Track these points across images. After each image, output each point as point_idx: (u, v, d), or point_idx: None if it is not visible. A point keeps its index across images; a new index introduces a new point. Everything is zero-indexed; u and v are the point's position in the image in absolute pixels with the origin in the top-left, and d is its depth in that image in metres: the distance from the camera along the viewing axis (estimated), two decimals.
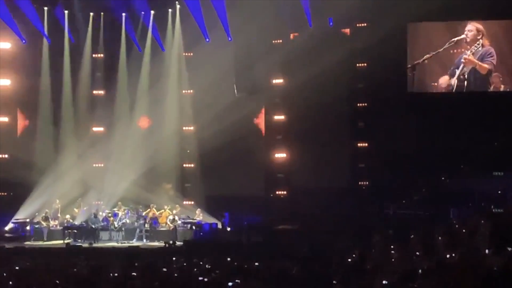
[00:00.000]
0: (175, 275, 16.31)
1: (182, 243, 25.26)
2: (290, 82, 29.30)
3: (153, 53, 30.27)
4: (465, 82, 27.27)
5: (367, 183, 28.22)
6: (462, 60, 27.24)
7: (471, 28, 27.27)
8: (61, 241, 26.68)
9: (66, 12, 29.39)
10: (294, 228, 25.55)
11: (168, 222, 27.71)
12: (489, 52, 27.09)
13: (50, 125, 30.56)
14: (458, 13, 27.05)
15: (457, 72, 27.29)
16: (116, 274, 16.56)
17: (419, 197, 26.35)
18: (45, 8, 29.05)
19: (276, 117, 29.65)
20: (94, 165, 30.29)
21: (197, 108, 30.26)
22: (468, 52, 27.16)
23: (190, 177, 30.33)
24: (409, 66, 27.73)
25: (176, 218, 27.81)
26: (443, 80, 27.60)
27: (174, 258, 20.08)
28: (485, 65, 27.09)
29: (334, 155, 28.51)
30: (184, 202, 29.39)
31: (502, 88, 27.26)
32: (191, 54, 30.15)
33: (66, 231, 27.31)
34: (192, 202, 29.38)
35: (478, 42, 27.03)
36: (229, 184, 29.61)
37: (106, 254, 22.38)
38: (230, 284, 14.26)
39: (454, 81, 27.37)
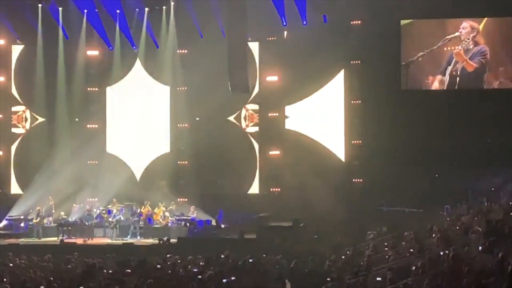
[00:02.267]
0: (169, 271, 16.35)
1: (176, 240, 25.27)
2: (284, 79, 29.33)
3: (147, 50, 30.29)
4: (458, 78, 27.29)
5: (361, 180, 28.25)
6: (453, 54, 27.28)
7: (466, 25, 27.29)
8: (55, 238, 26.68)
9: (60, 9, 29.31)
10: (288, 225, 25.56)
11: (160, 219, 27.75)
12: (482, 51, 27.08)
13: (45, 121, 30.61)
14: (453, 11, 27.07)
15: (449, 68, 27.32)
16: (110, 271, 16.59)
17: (412, 194, 26.38)
18: (39, 5, 28.98)
19: (270, 115, 29.65)
20: (88, 162, 30.29)
21: (191, 105, 30.28)
22: (459, 47, 27.17)
23: (184, 174, 30.34)
24: (403, 63, 27.75)
25: (170, 215, 27.83)
26: (437, 78, 27.64)
27: (168, 255, 20.12)
28: (473, 64, 27.07)
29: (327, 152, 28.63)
30: (179, 199, 29.40)
31: (495, 85, 27.31)
32: (186, 51, 30.15)
33: (60, 228, 27.31)
34: (186, 199, 29.39)
35: (468, 37, 27.03)
36: (223, 181, 29.65)
37: (100, 251, 22.34)
38: (224, 280, 14.31)
39: (446, 77, 27.41)
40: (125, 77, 30.75)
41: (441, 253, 14.76)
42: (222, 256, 18.96)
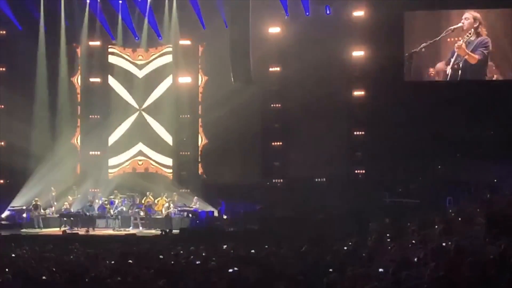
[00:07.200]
0: (172, 262, 16.34)
1: (178, 231, 25.29)
2: (287, 70, 29.26)
3: (149, 40, 30.24)
4: (459, 71, 27.21)
5: (363, 171, 28.22)
6: (455, 48, 27.21)
7: (468, 16, 27.19)
8: (58, 229, 26.71)
9: None
10: (290, 216, 25.54)
11: (163, 210, 27.78)
12: (484, 42, 26.96)
13: (47, 112, 30.53)
14: (456, 2, 27.00)
15: (452, 60, 27.25)
16: (112, 262, 16.59)
17: (415, 185, 26.36)
18: None
19: (273, 105, 29.59)
20: (90, 152, 30.29)
21: (193, 96, 30.25)
22: (461, 41, 27.08)
23: (186, 165, 30.33)
24: (406, 54, 27.69)
25: (172, 205, 27.85)
26: (439, 69, 27.57)
27: (170, 246, 20.11)
28: (475, 56, 26.97)
29: (330, 143, 28.54)
30: (181, 190, 29.40)
31: (497, 77, 27.22)
32: (188, 41, 30.08)
33: (62, 219, 27.35)
34: (189, 190, 29.38)
35: (469, 31, 26.94)
36: (225, 172, 29.63)
37: (102, 242, 22.38)
38: (231, 270, 14.29)
39: (448, 69, 27.35)
40: (128, 68, 30.71)
41: (444, 244, 14.73)
42: (225, 247, 18.94)
